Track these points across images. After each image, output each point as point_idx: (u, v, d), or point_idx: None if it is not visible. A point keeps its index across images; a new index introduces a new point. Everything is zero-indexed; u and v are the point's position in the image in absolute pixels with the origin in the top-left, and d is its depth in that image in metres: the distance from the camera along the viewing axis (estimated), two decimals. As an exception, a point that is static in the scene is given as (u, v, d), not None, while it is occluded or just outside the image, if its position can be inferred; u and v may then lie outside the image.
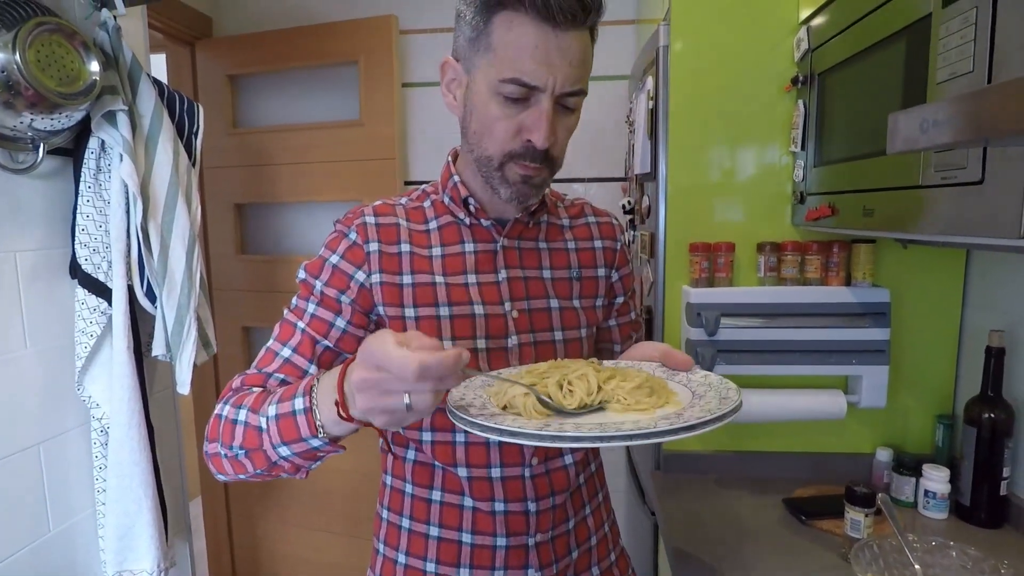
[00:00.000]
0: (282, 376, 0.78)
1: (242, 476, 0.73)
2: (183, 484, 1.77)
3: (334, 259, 0.80)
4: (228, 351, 2.44)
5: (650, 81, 1.49)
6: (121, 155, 1.29)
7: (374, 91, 2.18)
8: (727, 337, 1.36)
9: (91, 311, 1.31)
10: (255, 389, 0.75)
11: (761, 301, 1.36)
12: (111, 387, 1.33)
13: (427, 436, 0.83)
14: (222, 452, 0.72)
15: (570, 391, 0.66)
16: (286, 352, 0.78)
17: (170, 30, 2.19)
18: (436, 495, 0.84)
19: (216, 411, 0.74)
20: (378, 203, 0.85)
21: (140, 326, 1.39)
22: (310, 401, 0.65)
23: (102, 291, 1.32)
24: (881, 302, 1.33)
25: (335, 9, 2.26)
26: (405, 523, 0.86)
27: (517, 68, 0.70)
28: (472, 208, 0.83)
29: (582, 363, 0.70)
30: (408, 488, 0.86)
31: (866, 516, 1.11)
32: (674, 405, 0.65)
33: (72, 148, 1.33)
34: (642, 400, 0.65)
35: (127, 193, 1.31)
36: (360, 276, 0.79)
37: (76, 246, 1.31)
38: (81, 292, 1.31)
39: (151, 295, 1.37)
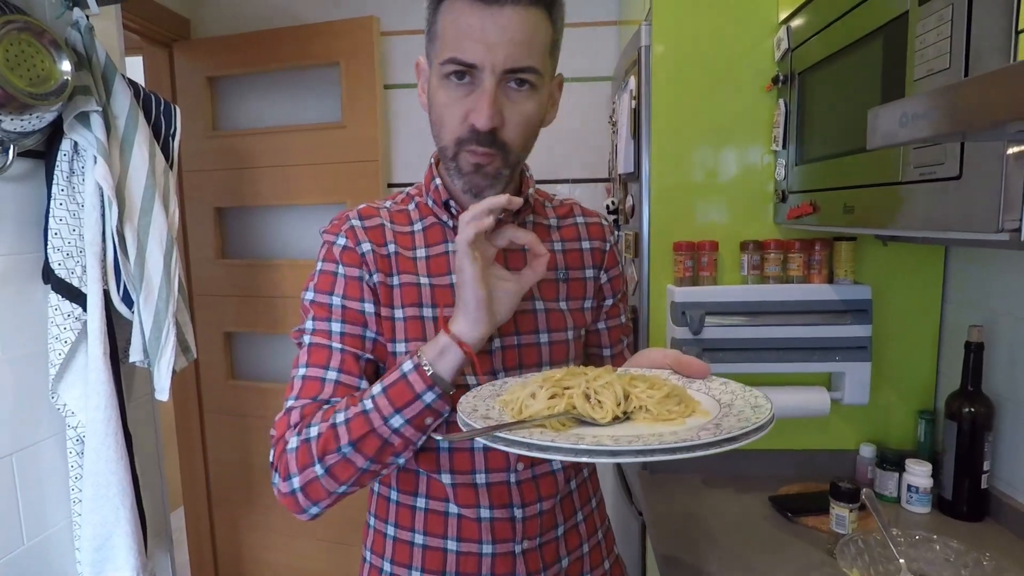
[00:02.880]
0: (339, 399, 0.76)
1: (343, 486, 0.73)
2: (163, 493, 1.74)
3: (340, 269, 0.79)
4: (209, 357, 2.40)
5: (632, 81, 1.50)
6: (95, 157, 1.26)
7: (356, 93, 2.16)
8: (712, 336, 1.36)
9: (65, 317, 1.28)
10: (331, 403, 0.75)
11: (745, 299, 1.36)
12: (87, 395, 1.30)
13: (393, 496, 0.81)
14: (319, 470, 0.71)
15: (599, 402, 0.62)
16: (332, 375, 0.77)
17: (147, 32, 2.15)
18: (420, 502, 0.82)
19: (291, 445, 0.73)
20: (362, 206, 0.84)
21: (117, 332, 1.36)
22: (418, 358, 0.70)
23: (76, 296, 1.29)
24: (863, 299, 1.34)
25: (316, 11, 2.24)
26: (390, 530, 0.84)
27: (455, 47, 0.70)
28: (453, 210, 0.82)
29: (601, 370, 0.68)
30: (393, 495, 0.84)
31: (851, 512, 1.11)
32: (702, 414, 0.63)
33: (44, 150, 1.30)
34: (672, 409, 0.62)
35: (102, 196, 1.28)
36: (365, 276, 0.79)
37: (49, 250, 1.28)
38: (54, 297, 1.28)
39: (128, 300, 1.34)
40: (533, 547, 0.83)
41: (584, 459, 0.53)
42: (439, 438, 0.74)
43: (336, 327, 0.78)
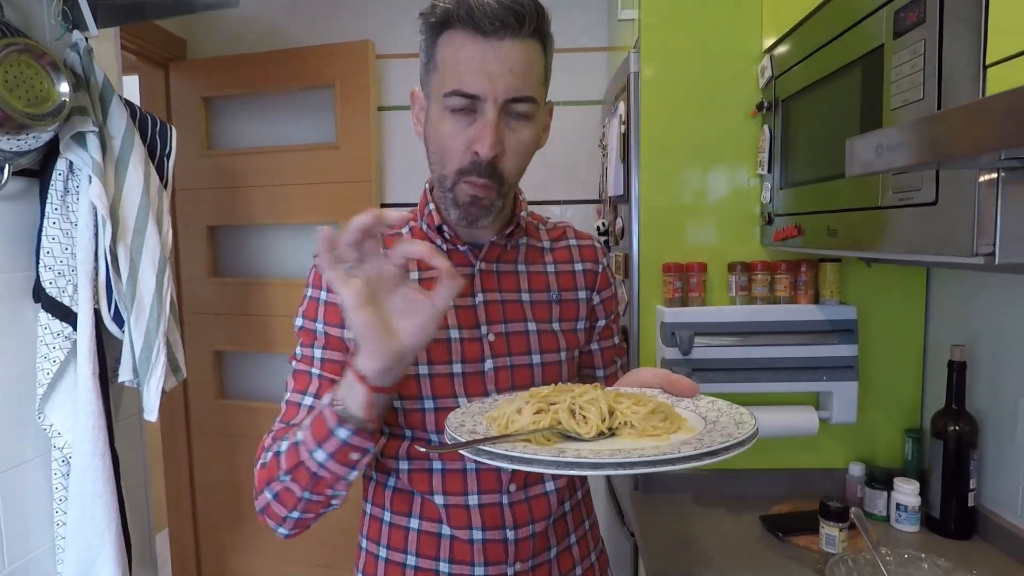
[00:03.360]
0: None
1: (294, 513, 0.73)
2: (149, 516, 1.71)
3: (323, 295, 0.81)
4: (199, 376, 2.39)
5: (622, 106, 1.53)
6: (90, 176, 1.27)
7: (350, 114, 2.19)
8: (701, 356, 1.38)
9: (54, 336, 1.28)
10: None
11: (733, 320, 1.38)
12: (75, 415, 1.29)
13: (404, 464, 0.82)
14: (269, 495, 0.73)
15: (583, 417, 0.63)
16: (308, 400, 0.79)
17: (144, 52, 2.18)
18: (414, 523, 0.83)
19: (256, 467, 0.76)
20: None
21: (106, 351, 1.36)
22: (334, 392, 0.68)
23: (66, 315, 1.29)
24: (848, 319, 1.36)
25: (312, 34, 2.28)
26: (383, 552, 0.84)
27: (457, 80, 0.72)
28: (447, 235, 0.83)
29: (588, 387, 0.68)
30: (387, 516, 0.85)
31: (840, 531, 1.12)
32: (687, 431, 0.63)
33: (39, 170, 1.30)
34: (657, 425, 0.63)
35: (96, 215, 1.29)
36: None
37: (40, 269, 1.28)
38: (44, 316, 1.28)
39: (118, 319, 1.34)
40: (526, 569, 0.83)
41: (565, 472, 0.54)
42: (423, 450, 0.75)
43: (318, 353, 0.80)
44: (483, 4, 0.70)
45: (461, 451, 0.59)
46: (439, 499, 0.81)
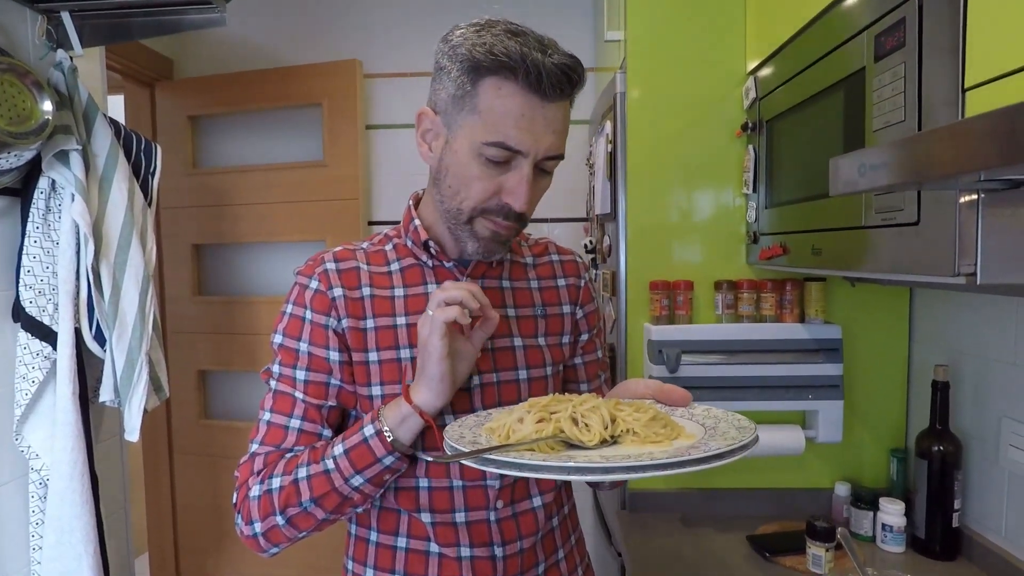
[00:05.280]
0: (303, 448, 0.78)
1: (303, 532, 0.77)
2: (128, 539, 1.67)
3: (308, 314, 0.80)
4: (182, 396, 2.35)
5: (609, 126, 1.54)
6: (73, 195, 1.25)
7: (338, 133, 2.19)
8: (688, 374, 1.38)
9: (33, 356, 1.25)
10: (294, 452, 0.78)
11: (719, 338, 1.38)
12: (53, 436, 1.26)
13: (390, 483, 0.81)
14: (280, 521, 0.75)
15: (586, 426, 0.64)
16: (295, 423, 0.79)
17: (130, 72, 2.17)
18: (401, 542, 0.82)
19: (253, 493, 0.76)
20: (338, 248, 0.85)
21: (87, 371, 1.33)
22: (380, 424, 0.73)
23: (46, 335, 1.26)
24: (833, 338, 1.37)
25: (299, 53, 2.29)
26: (370, 573, 0.83)
27: (503, 133, 0.71)
28: (433, 251, 0.83)
29: (587, 396, 0.69)
30: (373, 536, 0.84)
31: (827, 551, 1.12)
32: (687, 438, 0.64)
33: (20, 188, 1.29)
34: (659, 432, 0.64)
35: (78, 233, 1.27)
36: (332, 323, 0.79)
37: (20, 288, 1.26)
38: (23, 336, 1.26)
39: (100, 338, 1.32)
40: None
41: (576, 477, 0.54)
42: (429, 459, 0.77)
43: (301, 375, 0.79)
44: (549, 68, 0.69)
45: (466, 462, 0.59)
46: (426, 517, 0.80)
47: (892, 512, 1.25)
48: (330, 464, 0.73)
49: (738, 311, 1.42)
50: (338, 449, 0.73)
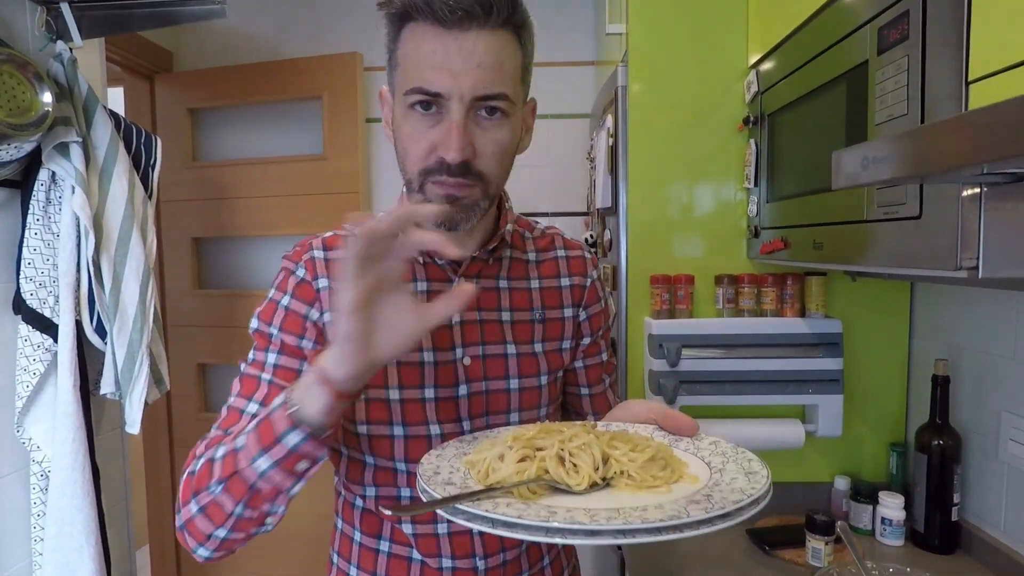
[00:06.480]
0: None
1: (220, 531, 0.65)
2: (129, 531, 1.68)
3: (285, 300, 0.75)
4: (183, 389, 2.35)
5: (610, 119, 1.54)
6: (73, 187, 1.25)
7: (338, 126, 2.19)
8: (688, 368, 1.38)
9: (34, 348, 1.26)
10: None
11: (720, 332, 1.38)
12: (54, 428, 1.26)
13: (370, 491, 0.78)
14: (194, 508, 0.65)
15: (574, 466, 0.56)
16: (253, 407, 0.72)
17: (130, 64, 2.16)
18: (384, 546, 0.80)
19: (183, 476, 0.69)
20: (328, 235, 0.80)
21: (88, 363, 1.33)
22: (288, 393, 0.61)
23: (47, 327, 1.26)
24: (834, 332, 1.37)
25: (299, 46, 2.28)
26: (353, 571, 0.81)
27: (418, 76, 0.66)
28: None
29: (578, 427, 0.61)
30: (357, 536, 0.81)
31: (826, 544, 1.12)
32: (690, 480, 0.57)
33: (20, 180, 1.29)
34: (657, 475, 0.56)
35: (78, 225, 1.27)
36: (314, 314, 0.75)
37: (21, 280, 1.26)
38: (24, 328, 1.26)
39: (101, 330, 1.32)
40: None
41: (556, 539, 0.47)
42: (389, 513, 0.59)
43: (271, 358, 0.74)
44: None
45: (438, 511, 0.51)
46: (407, 528, 0.78)
47: (891, 506, 1.26)
48: (240, 441, 0.62)
49: (739, 305, 1.42)
50: (250, 426, 0.63)
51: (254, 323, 0.77)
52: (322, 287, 0.75)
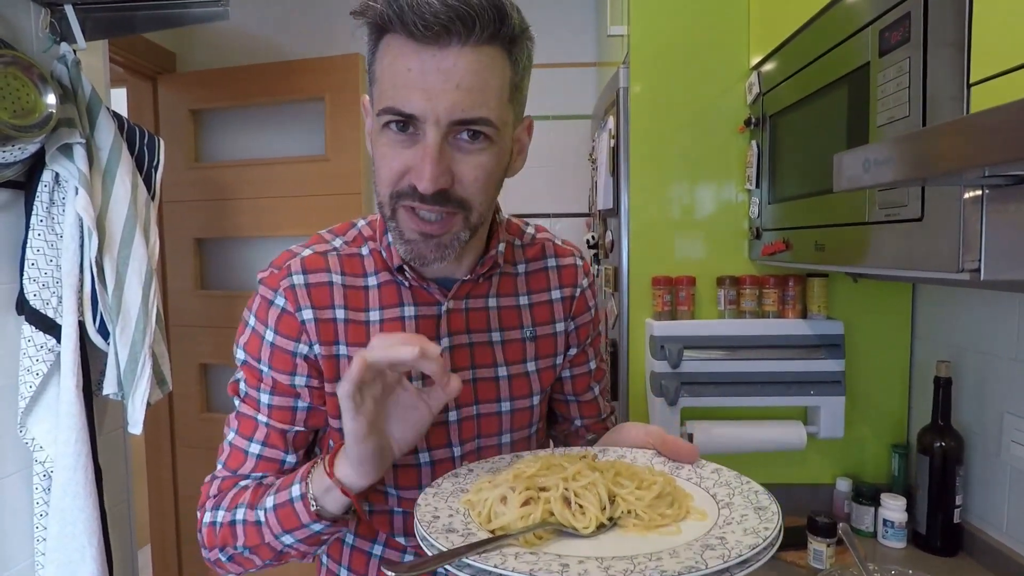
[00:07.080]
0: (260, 475, 0.73)
1: (258, 567, 0.71)
2: (131, 531, 1.68)
3: (269, 335, 0.71)
4: (185, 389, 2.36)
5: (611, 121, 1.54)
6: (76, 188, 1.26)
7: (340, 127, 2.19)
8: (690, 369, 1.38)
9: (37, 348, 1.26)
10: (243, 484, 0.72)
11: (721, 333, 1.39)
12: (57, 428, 1.26)
13: (364, 507, 0.75)
14: (222, 557, 0.71)
15: (580, 507, 0.55)
16: (255, 448, 0.72)
17: (132, 65, 2.17)
18: (377, 550, 0.78)
19: (205, 519, 0.72)
20: (307, 253, 0.74)
21: (90, 364, 1.34)
22: (306, 487, 0.64)
23: (50, 328, 1.27)
24: (835, 334, 1.37)
25: (302, 47, 2.28)
26: (343, 573, 0.80)
27: (392, 95, 0.60)
28: (408, 273, 0.71)
29: (580, 464, 0.60)
30: (349, 538, 0.79)
31: (828, 546, 1.12)
32: (697, 515, 0.56)
33: (24, 181, 1.29)
34: (665, 513, 0.55)
35: (82, 226, 1.28)
36: (302, 349, 0.71)
37: (24, 281, 1.26)
38: (28, 329, 1.26)
39: (103, 331, 1.32)
40: None
41: None
42: (391, 574, 0.53)
43: (265, 398, 0.72)
44: (420, 3, 0.56)
45: (448, 566, 0.49)
46: (402, 540, 0.77)
47: (893, 508, 1.26)
48: (261, 516, 0.66)
49: (740, 307, 1.42)
50: (269, 502, 0.65)
51: (240, 354, 0.74)
52: (306, 319, 0.71)
